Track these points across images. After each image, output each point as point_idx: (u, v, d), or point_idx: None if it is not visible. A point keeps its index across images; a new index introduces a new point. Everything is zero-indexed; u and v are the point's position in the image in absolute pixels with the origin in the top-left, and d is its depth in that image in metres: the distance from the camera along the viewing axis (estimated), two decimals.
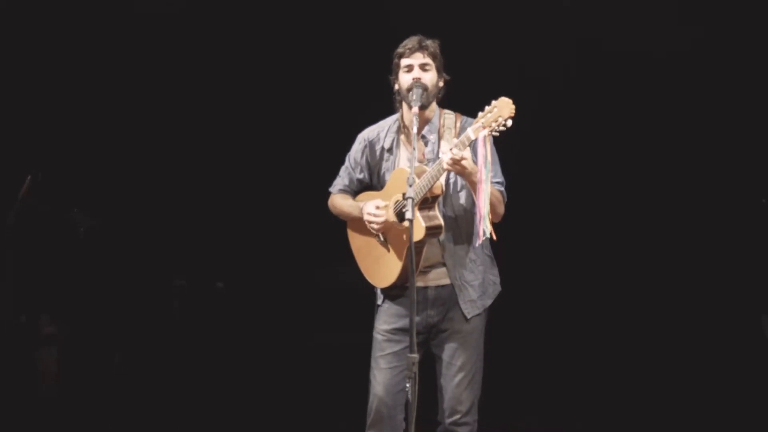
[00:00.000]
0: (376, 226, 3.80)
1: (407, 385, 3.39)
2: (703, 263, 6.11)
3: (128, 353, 5.98)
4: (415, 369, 3.38)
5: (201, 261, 6.46)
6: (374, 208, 3.80)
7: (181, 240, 6.39)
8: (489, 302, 3.89)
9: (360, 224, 3.91)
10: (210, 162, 6.42)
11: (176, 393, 6.04)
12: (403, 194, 3.56)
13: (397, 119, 3.93)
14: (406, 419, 3.56)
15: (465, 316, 3.81)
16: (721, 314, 6.08)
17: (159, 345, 6.17)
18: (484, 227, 3.47)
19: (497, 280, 3.93)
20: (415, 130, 3.63)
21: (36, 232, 5.61)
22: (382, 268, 3.86)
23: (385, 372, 3.81)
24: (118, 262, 5.99)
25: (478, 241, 3.54)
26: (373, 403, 3.83)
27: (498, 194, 3.72)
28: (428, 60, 3.77)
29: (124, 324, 5.97)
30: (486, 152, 3.46)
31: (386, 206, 3.80)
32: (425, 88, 3.74)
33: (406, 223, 3.45)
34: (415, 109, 3.66)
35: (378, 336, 3.87)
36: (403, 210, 3.52)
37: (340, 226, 4.11)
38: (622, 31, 5.89)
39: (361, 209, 3.87)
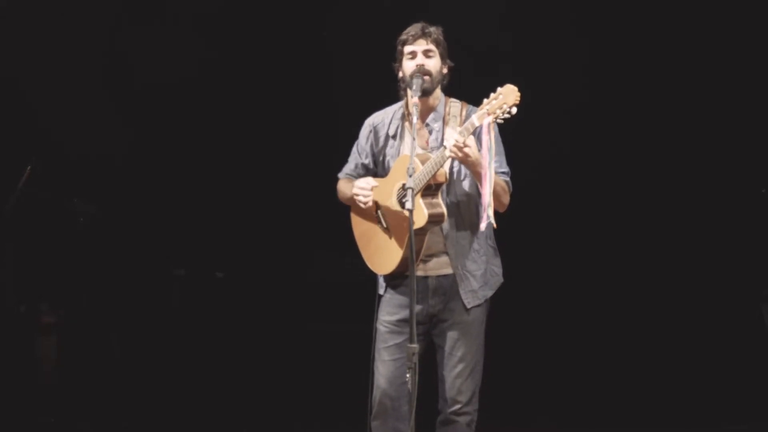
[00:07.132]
0: (363, 199, 3.78)
1: (407, 375, 3.38)
2: (704, 253, 6.11)
3: (128, 342, 5.97)
4: (415, 359, 3.37)
5: (201, 251, 6.45)
6: (364, 182, 3.78)
7: (181, 230, 6.38)
8: (490, 293, 3.86)
9: (363, 210, 3.88)
10: (210, 152, 6.41)
11: (175, 383, 6.04)
12: (404, 184, 3.54)
13: (401, 106, 3.91)
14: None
15: (465, 306, 3.78)
16: (722, 304, 6.09)
17: (158, 335, 6.16)
18: (488, 215, 3.45)
19: (500, 271, 3.91)
20: (415, 119, 3.63)
21: (36, 221, 5.60)
22: (382, 255, 3.83)
23: (388, 364, 3.80)
24: (118, 252, 5.99)
25: (482, 226, 3.52)
26: (376, 395, 3.82)
27: (503, 184, 3.70)
28: (432, 47, 3.76)
29: (124, 313, 5.97)
30: (490, 139, 3.45)
31: (378, 186, 3.76)
32: (428, 74, 3.73)
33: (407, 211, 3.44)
34: (415, 99, 3.64)
35: (381, 327, 3.85)
36: (403, 200, 3.50)
37: (340, 215, 4.09)
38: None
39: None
